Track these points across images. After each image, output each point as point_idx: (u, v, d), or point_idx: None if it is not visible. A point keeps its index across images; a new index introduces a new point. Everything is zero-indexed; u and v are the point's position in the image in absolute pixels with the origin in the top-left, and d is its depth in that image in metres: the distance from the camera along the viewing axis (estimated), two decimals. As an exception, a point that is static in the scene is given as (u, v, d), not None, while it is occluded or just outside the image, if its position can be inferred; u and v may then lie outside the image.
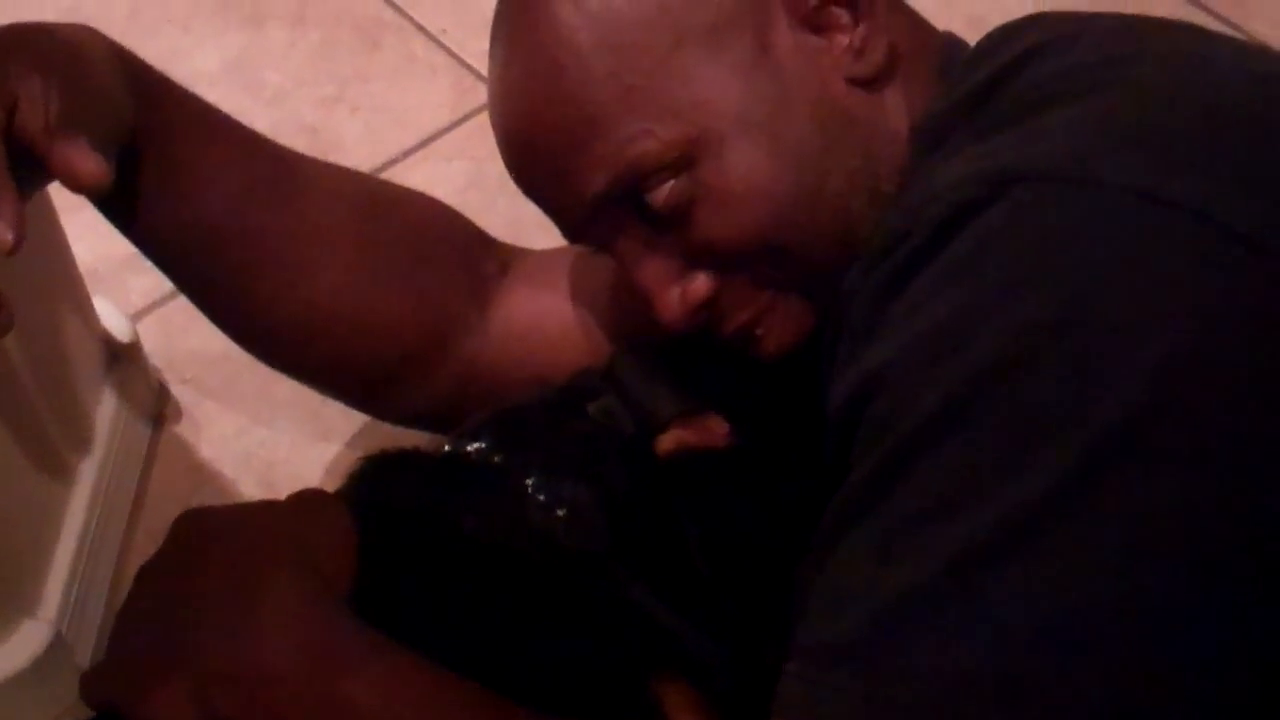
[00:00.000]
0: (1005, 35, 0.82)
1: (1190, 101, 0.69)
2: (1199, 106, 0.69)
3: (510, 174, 0.90)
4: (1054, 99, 0.71)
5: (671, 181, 0.81)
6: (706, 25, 0.81)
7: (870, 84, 0.83)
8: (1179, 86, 0.71)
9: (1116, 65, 0.73)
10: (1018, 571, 0.60)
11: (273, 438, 1.29)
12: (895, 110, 0.83)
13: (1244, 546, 0.60)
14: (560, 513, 0.86)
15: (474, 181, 1.47)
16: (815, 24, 0.83)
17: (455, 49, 1.62)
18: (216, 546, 0.77)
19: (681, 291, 0.85)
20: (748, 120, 0.80)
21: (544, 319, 1.05)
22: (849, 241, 0.81)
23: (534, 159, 0.86)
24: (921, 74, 0.84)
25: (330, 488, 0.89)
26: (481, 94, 1.58)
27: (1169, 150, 0.66)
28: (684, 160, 0.80)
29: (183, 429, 1.30)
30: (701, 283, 0.85)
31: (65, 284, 1.15)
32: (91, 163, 0.78)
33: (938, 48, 0.86)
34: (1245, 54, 0.81)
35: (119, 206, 0.93)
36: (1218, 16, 1.58)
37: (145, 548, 1.21)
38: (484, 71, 1.59)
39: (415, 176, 1.47)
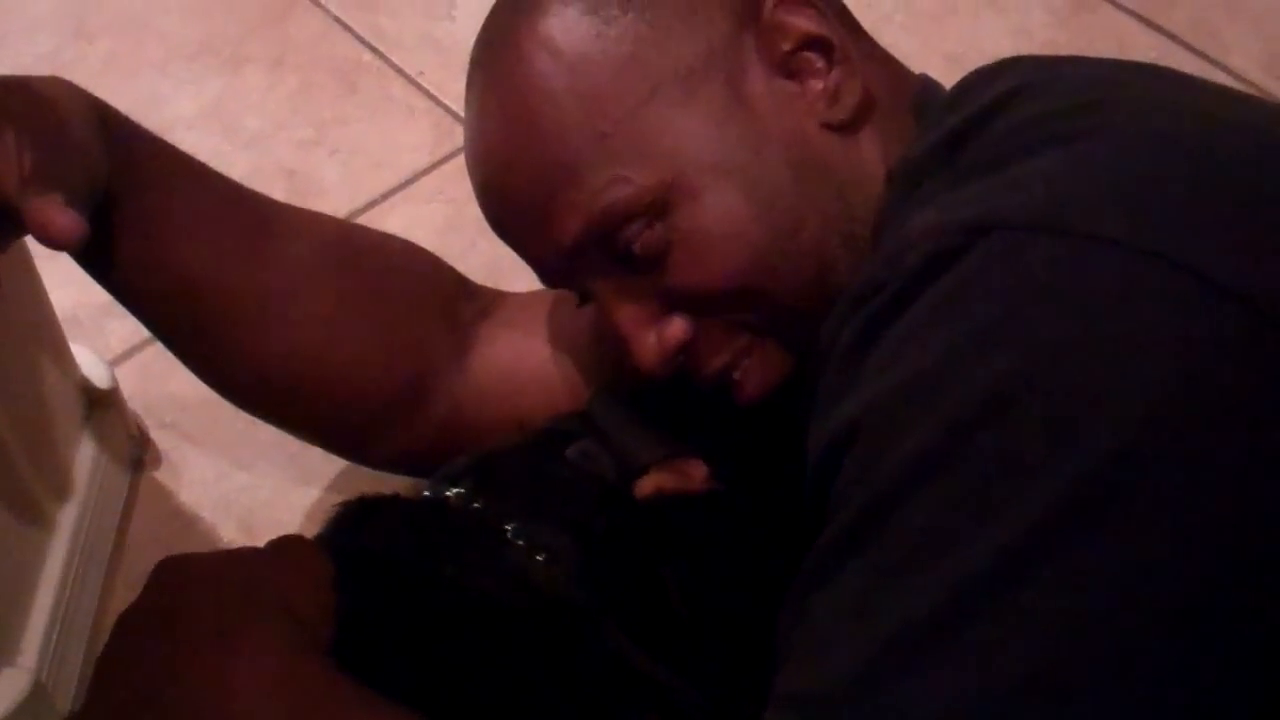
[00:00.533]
0: (981, 79, 0.83)
1: (1168, 150, 0.69)
2: (1177, 155, 0.69)
3: (487, 220, 0.90)
4: (1029, 147, 0.72)
5: (647, 228, 0.81)
6: (680, 72, 0.81)
7: (845, 128, 0.83)
8: (1157, 135, 0.71)
9: (1093, 113, 0.73)
10: (1000, 620, 0.60)
11: (253, 483, 1.28)
12: (870, 154, 0.84)
13: (1222, 596, 0.60)
14: (540, 558, 0.86)
15: (452, 223, 1.48)
16: (789, 69, 0.83)
17: (433, 90, 1.63)
18: (196, 594, 0.76)
19: (658, 335, 0.85)
20: (722, 166, 0.81)
21: (523, 363, 1.05)
22: (825, 285, 0.81)
23: (510, 206, 0.86)
24: (897, 117, 0.85)
25: (310, 533, 0.89)
26: (459, 136, 1.59)
27: (1146, 200, 0.66)
28: (659, 206, 0.81)
29: (162, 474, 1.30)
30: (677, 327, 0.85)
31: (43, 332, 1.15)
32: (66, 218, 0.78)
33: (912, 90, 0.87)
34: (1225, 101, 0.81)
35: (95, 258, 0.93)
36: (1195, 51, 1.60)
37: (125, 594, 1.20)
38: (462, 113, 1.60)
39: (394, 218, 1.48)
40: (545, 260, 0.87)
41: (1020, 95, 0.77)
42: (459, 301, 1.07)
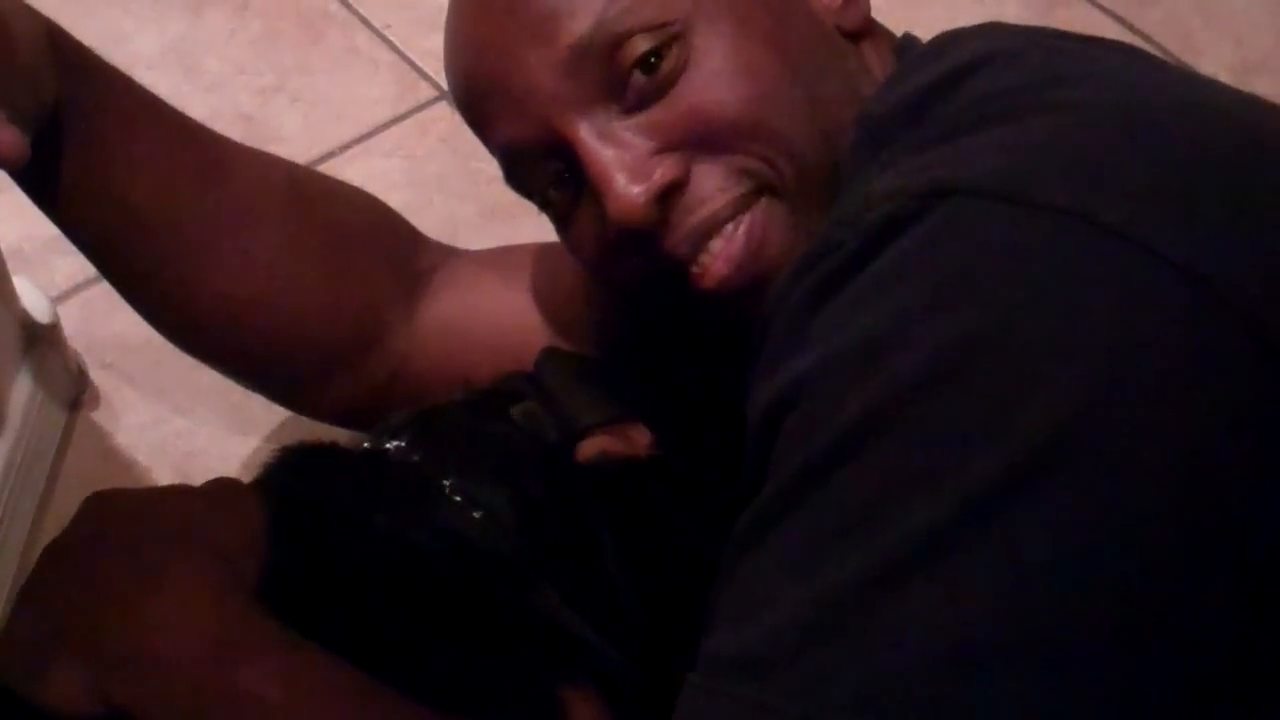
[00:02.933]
0: (953, 40, 0.82)
1: (1133, 128, 0.69)
2: (1142, 133, 0.68)
3: (461, 71, 0.85)
4: (994, 116, 0.71)
5: (658, 48, 0.78)
6: None
7: (851, 36, 0.84)
8: (1122, 112, 0.70)
9: (1061, 86, 0.73)
10: (930, 589, 0.59)
11: (191, 428, 1.27)
12: (866, 66, 0.84)
13: (1163, 567, 0.60)
14: (476, 515, 0.85)
15: (411, 179, 1.46)
16: None
17: (399, 44, 1.61)
18: (123, 528, 0.75)
19: (646, 174, 0.79)
20: (747, 13, 0.80)
21: (473, 321, 1.04)
22: (830, 144, 0.79)
23: (513, 8, 0.81)
24: (885, 48, 0.86)
25: (247, 481, 0.88)
26: (423, 91, 1.58)
27: (1106, 175, 0.66)
28: (677, 24, 0.78)
29: (100, 415, 1.28)
30: (672, 162, 0.79)
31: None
32: (7, 133, 0.76)
33: (893, 35, 0.88)
34: (1194, 85, 0.81)
35: (41, 184, 0.91)
36: (1167, 52, 1.60)
37: (55, 531, 1.18)
38: (427, 70, 1.59)
39: (351, 171, 1.46)
40: (533, 81, 0.80)
41: (989, 62, 0.76)
42: (411, 255, 1.05)
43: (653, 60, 0.78)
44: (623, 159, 0.79)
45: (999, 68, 0.76)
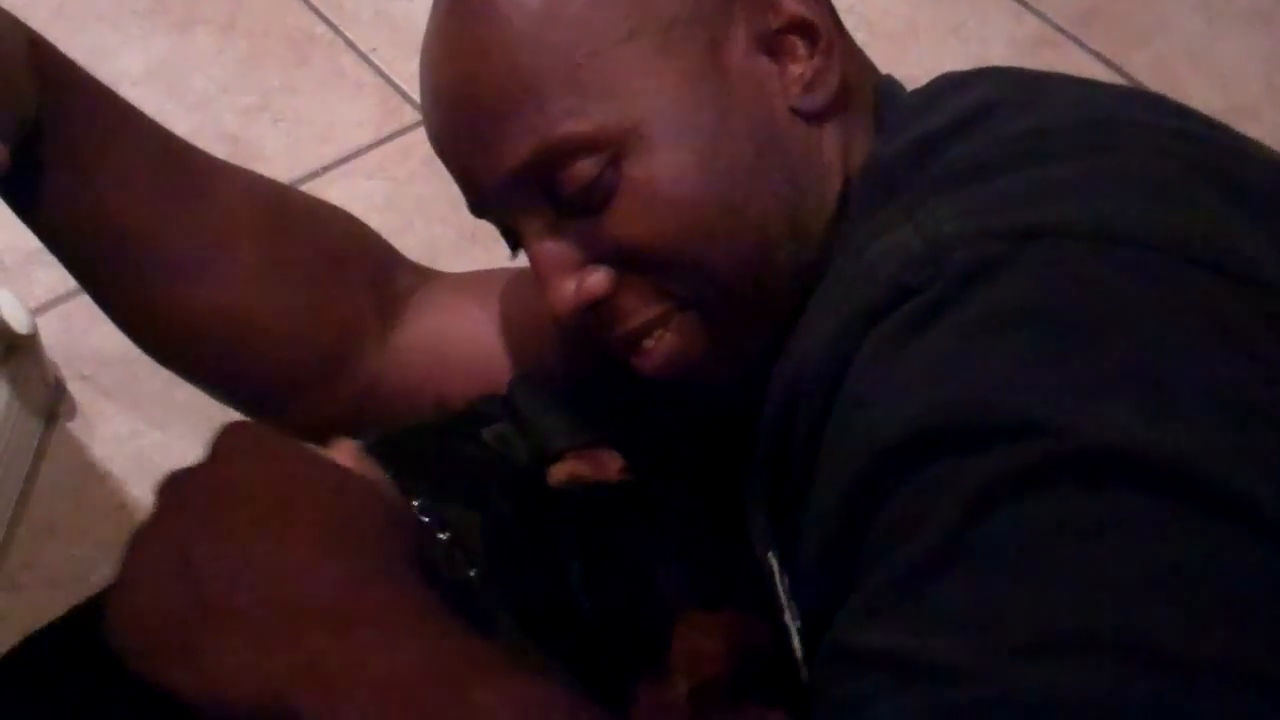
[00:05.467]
0: (954, 85, 0.83)
1: (1189, 161, 0.71)
2: (1199, 165, 0.71)
3: (429, 132, 0.88)
4: (1037, 157, 0.72)
5: (594, 169, 0.80)
6: (663, 22, 0.81)
7: (812, 118, 0.83)
8: (1169, 147, 0.72)
9: (1100, 130, 0.74)
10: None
11: (167, 442, 1.28)
12: (831, 149, 0.83)
13: None
14: (442, 536, 0.84)
15: (392, 202, 1.48)
16: (771, 48, 0.83)
17: (384, 68, 1.63)
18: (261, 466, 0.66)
19: (578, 283, 0.83)
20: (685, 125, 0.80)
21: (450, 342, 1.04)
22: (762, 267, 0.81)
23: (461, 116, 0.84)
24: (862, 114, 0.85)
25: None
26: (407, 115, 1.59)
27: (1184, 209, 0.67)
28: (613, 149, 0.80)
29: (76, 426, 1.29)
30: (600, 278, 0.83)
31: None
32: None
33: (875, 88, 0.87)
34: (1211, 124, 0.82)
35: (20, 194, 0.91)
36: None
37: (29, 541, 1.20)
38: (411, 93, 1.60)
39: (333, 192, 1.47)
40: (483, 182, 0.84)
41: (1004, 106, 0.77)
42: (390, 275, 1.06)
43: (587, 179, 0.80)
44: (562, 260, 0.83)
45: (1019, 111, 0.77)
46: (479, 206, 0.87)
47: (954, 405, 0.63)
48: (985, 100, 0.78)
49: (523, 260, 0.91)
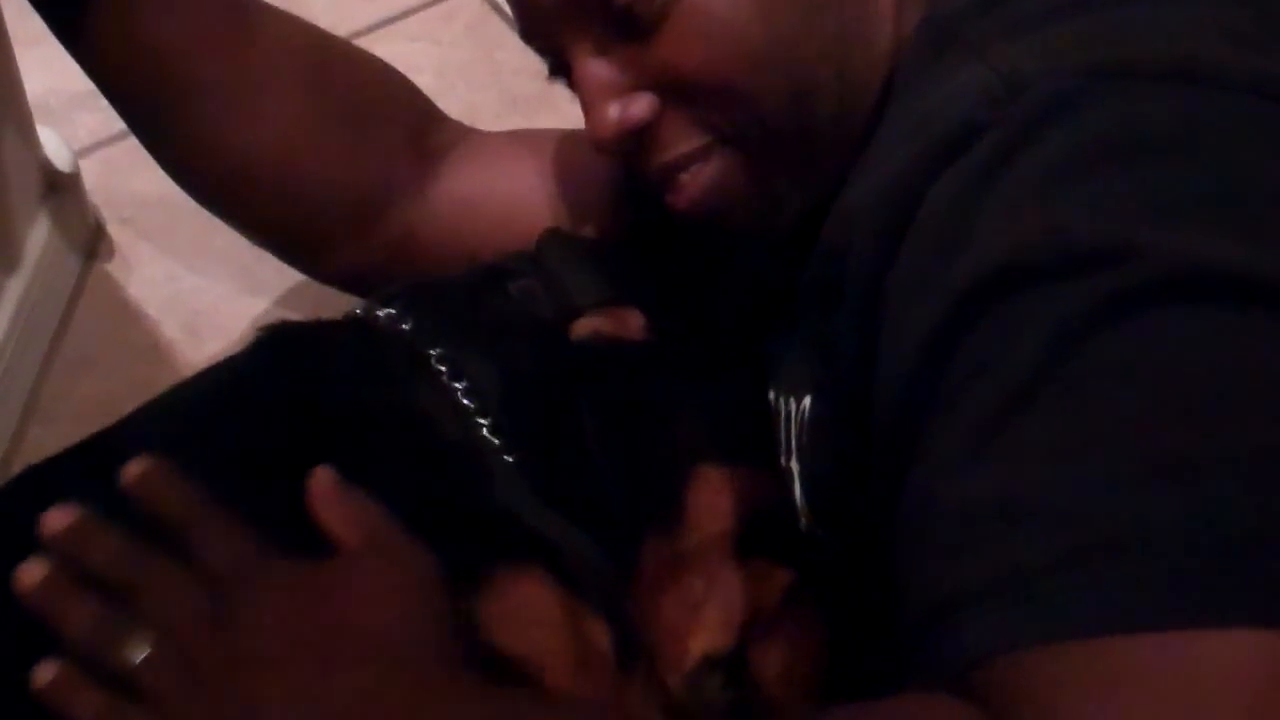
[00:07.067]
0: None
1: (1261, 5, 0.71)
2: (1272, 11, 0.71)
3: None
4: (1111, 3, 0.71)
5: None
6: None
7: None
8: None
9: None
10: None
11: (203, 287, 1.30)
12: (885, 6, 0.82)
13: None
14: (459, 385, 0.85)
15: (434, 65, 1.48)
16: None
17: (433, -72, 1.62)
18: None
19: (622, 108, 0.82)
20: None
21: (486, 198, 1.05)
22: (805, 109, 0.80)
23: None
24: None
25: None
26: (456, -21, 1.59)
27: (1263, 46, 0.68)
28: None
29: (114, 267, 1.31)
30: (644, 103, 0.82)
31: (8, 103, 1.15)
32: None
33: None
34: None
35: (72, 28, 0.93)
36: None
37: (63, 375, 1.22)
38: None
39: (377, 52, 1.46)
40: (536, 7, 0.83)
41: None
42: (429, 129, 1.07)
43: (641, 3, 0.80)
44: (608, 82, 0.82)
45: None
46: (531, 28, 0.86)
47: (1041, 237, 0.63)
48: None
49: (563, 125, 0.91)
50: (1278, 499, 0.57)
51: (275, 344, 0.89)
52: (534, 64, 0.88)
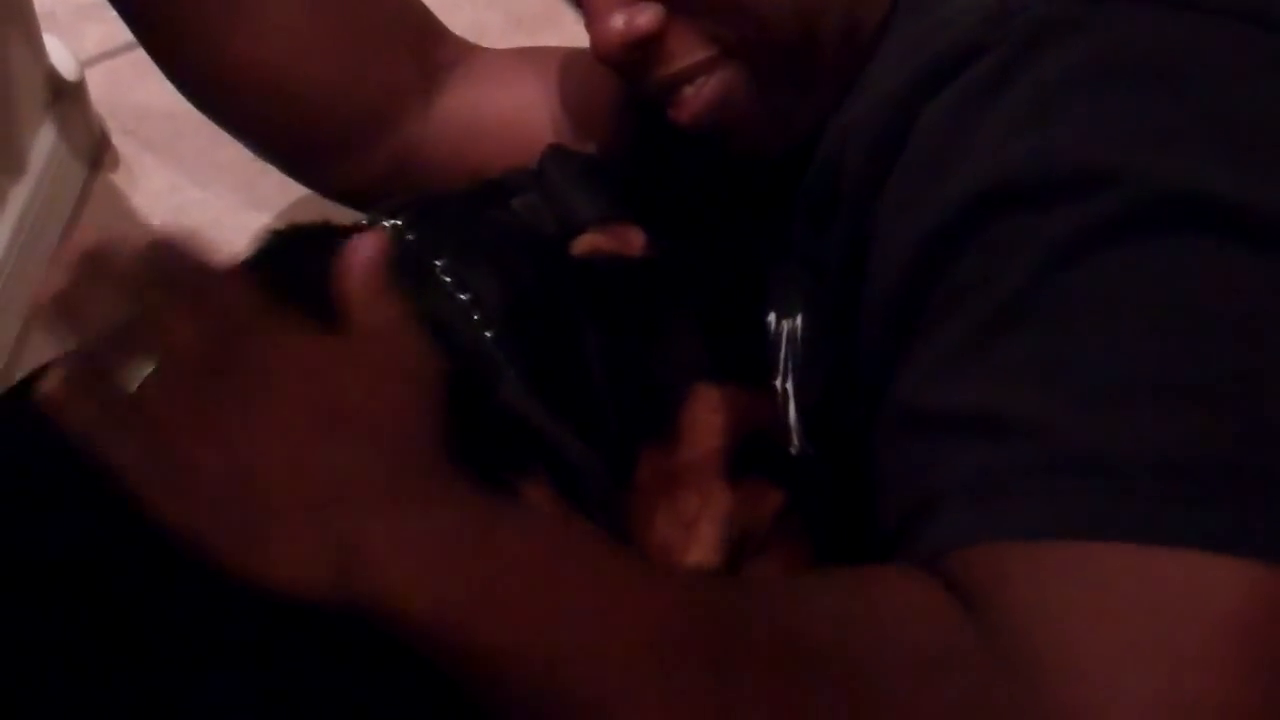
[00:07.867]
0: None
1: None
2: None
3: None
4: None
5: None
6: None
7: None
8: None
9: None
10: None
11: (205, 199, 1.30)
12: None
13: None
14: (463, 296, 0.86)
15: (441, -18, 1.47)
16: None
17: None
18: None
19: (627, 19, 0.81)
20: None
21: (487, 115, 1.05)
22: (811, 21, 0.80)
23: None
24: None
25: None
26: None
27: None
28: None
29: (119, 177, 1.31)
30: (650, 15, 0.81)
31: (13, 9, 1.15)
32: None
33: None
34: None
35: None
36: None
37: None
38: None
39: (385, -32, 1.47)
40: None
41: None
42: (435, 46, 1.07)
43: None
44: None
45: None
46: None
47: (1030, 159, 0.64)
48: None
49: (568, 44, 0.90)
50: (1253, 426, 0.58)
51: (286, 243, 0.89)
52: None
